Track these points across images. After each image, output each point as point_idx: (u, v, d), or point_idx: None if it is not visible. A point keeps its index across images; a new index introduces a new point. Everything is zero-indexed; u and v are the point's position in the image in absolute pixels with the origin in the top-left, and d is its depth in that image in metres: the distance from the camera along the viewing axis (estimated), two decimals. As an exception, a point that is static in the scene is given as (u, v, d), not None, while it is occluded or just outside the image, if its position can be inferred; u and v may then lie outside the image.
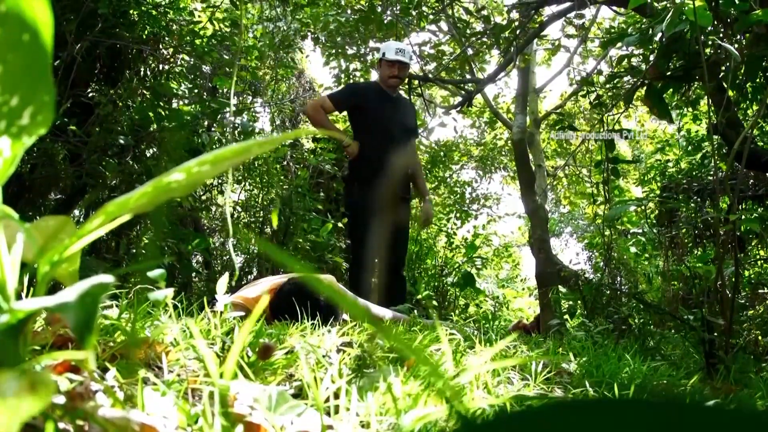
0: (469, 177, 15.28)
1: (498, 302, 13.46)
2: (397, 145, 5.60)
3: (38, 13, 0.63)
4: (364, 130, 5.71)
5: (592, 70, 11.47)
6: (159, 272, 1.77)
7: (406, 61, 5.75)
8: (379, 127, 5.62)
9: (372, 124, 5.64)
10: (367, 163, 5.57)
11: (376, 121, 5.64)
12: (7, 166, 0.70)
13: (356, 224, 5.63)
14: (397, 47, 5.76)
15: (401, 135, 5.71)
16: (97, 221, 0.72)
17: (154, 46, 7.16)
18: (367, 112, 5.68)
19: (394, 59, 5.68)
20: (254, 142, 0.70)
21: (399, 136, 5.67)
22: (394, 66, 5.70)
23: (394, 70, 5.71)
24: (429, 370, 0.59)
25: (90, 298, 0.58)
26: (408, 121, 5.88)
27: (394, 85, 5.80)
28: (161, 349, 1.35)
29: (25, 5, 0.62)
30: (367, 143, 5.61)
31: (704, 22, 3.89)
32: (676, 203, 7.09)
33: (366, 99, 5.74)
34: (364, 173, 5.61)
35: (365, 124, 5.70)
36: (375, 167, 5.51)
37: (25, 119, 0.66)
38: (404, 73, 5.85)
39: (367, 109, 5.68)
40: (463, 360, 1.97)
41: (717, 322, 3.79)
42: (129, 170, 6.16)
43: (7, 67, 0.63)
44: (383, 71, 5.77)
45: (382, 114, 5.66)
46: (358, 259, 5.49)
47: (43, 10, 0.63)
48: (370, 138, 5.61)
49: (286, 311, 2.85)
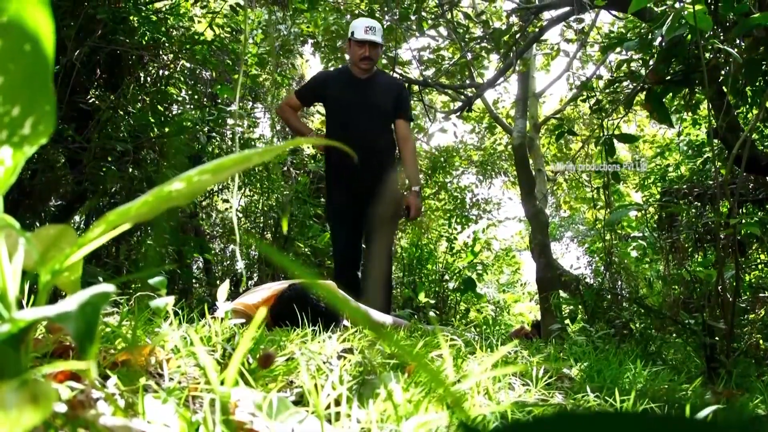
0: (470, 182, 15.28)
1: (499, 307, 13.49)
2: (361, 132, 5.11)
3: (40, 24, 0.63)
4: (328, 120, 5.36)
5: (592, 75, 11.48)
6: (160, 280, 1.77)
7: (377, 41, 5.18)
8: (341, 114, 5.22)
9: (334, 112, 5.29)
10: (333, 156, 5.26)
11: (338, 108, 5.25)
12: (8, 176, 0.70)
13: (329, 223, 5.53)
14: (367, 25, 5.21)
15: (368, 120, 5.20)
16: (98, 230, 0.72)
17: (154, 51, 7.17)
18: (331, 101, 5.30)
19: (364, 39, 5.13)
20: (254, 151, 0.70)
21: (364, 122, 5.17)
22: (363, 46, 5.13)
23: (364, 50, 5.14)
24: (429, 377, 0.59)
25: (91, 308, 0.58)
26: (380, 105, 5.28)
27: (366, 67, 5.21)
28: (162, 357, 1.35)
29: (27, 16, 0.63)
30: (331, 135, 5.23)
31: (704, 27, 3.89)
32: (677, 208, 7.09)
33: (327, 87, 5.31)
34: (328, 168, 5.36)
35: (329, 114, 5.34)
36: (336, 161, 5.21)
37: (26, 129, 0.66)
38: (376, 53, 5.26)
39: (331, 97, 5.28)
40: (464, 365, 1.97)
41: (718, 326, 3.79)
42: (129, 176, 6.16)
43: (8, 77, 0.64)
44: (353, 52, 5.23)
45: (345, 100, 5.21)
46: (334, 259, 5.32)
47: (44, 21, 0.63)
48: (333, 128, 5.25)
49: (287, 317, 2.85)
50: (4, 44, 0.62)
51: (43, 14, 0.63)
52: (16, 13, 0.62)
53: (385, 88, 5.39)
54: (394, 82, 5.71)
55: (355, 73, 5.27)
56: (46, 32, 0.64)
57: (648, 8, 5.05)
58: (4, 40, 0.62)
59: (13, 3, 0.62)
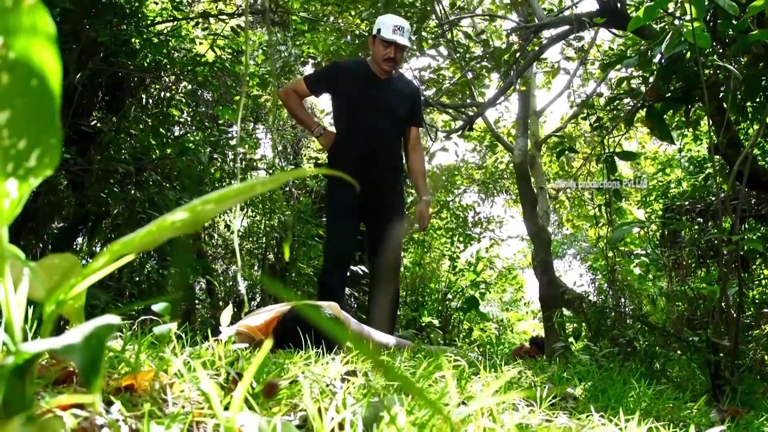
0: (472, 200, 15.29)
1: (502, 325, 13.47)
2: (376, 134, 4.87)
3: (46, 60, 0.64)
4: (340, 116, 5.00)
5: (592, 93, 11.51)
6: (163, 306, 1.77)
7: (405, 43, 4.86)
8: (357, 113, 4.88)
9: (349, 110, 4.93)
10: (341, 153, 4.88)
11: (355, 107, 4.90)
12: (13, 207, 0.71)
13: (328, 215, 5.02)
14: (395, 24, 4.86)
15: (385, 123, 4.93)
16: (102, 260, 0.73)
17: (156, 73, 7.20)
18: (346, 97, 4.95)
19: (391, 39, 4.79)
20: (258, 180, 0.71)
21: (381, 125, 4.90)
22: (389, 47, 4.81)
23: (389, 51, 4.82)
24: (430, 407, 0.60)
25: (96, 340, 0.59)
26: (397, 108, 5.00)
27: (389, 69, 4.91)
28: (166, 381, 1.35)
29: (34, 53, 0.64)
30: (343, 132, 4.92)
31: (703, 44, 3.91)
32: (679, 224, 7.09)
33: (346, 81, 4.94)
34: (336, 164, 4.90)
35: (343, 110, 4.98)
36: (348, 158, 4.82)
37: (32, 161, 0.67)
38: (401, 55, 4.97)
39: (344, 92, 4.94)
40: (468, 387, 1.96)
41: (722, 343, 3.78)
42: (131, 198, 6.17)
43: (15, 111, 0.65)
44: (376, 51, 4.90)
45: (362, 99, 4.88)
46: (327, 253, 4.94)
47: (51, 58, 0.64)
48: (346, 126, 4.92)
49: (290, 339, 2.84)
50: (11, 80, 0.63)
51: (50, 51, 0.64)
52: (24, 50, 0.63)
53: (403, 91, 5.12)
54: (411, 86, 5.39)
55: (375, 72, 4.96)
56: (53, 68, 0.65)
57: (647, 26, 5.07)
58: (12, 76, 0.63)
59: (21, 40, 0.63)
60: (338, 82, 4.96)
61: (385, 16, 5.10)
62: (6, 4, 0.62)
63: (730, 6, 3.78)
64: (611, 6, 6.14)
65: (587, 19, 6.43)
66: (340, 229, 4.84)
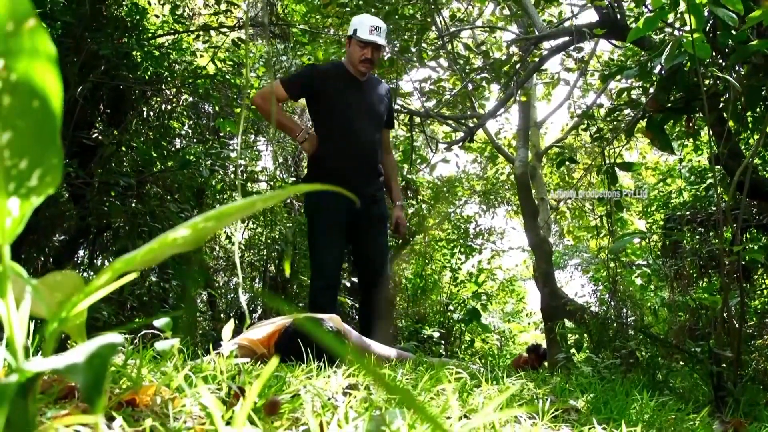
0: (473, 212, 15.30)
1: (504, 337, 13.45)
2: (364, 139, 4.76)
3: (48, 81, 0.65)
4: (324, 121, 4.82)
5: (592, 104, 11.53)
6: (165, 321, 1.78)
7: (381, 43, 4.78)
8: (342, 117, 4.74)
9: (333, 113, 4.77)
10: (328, 160, 4.72)
11: (339, 110, 4.76)
12: (15, 226, 0.71)
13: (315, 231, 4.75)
14: (372, 24, 4.78)
15: (369, 126, 4.82)
16: (104, 278, 0.73)
17: (157, 86, 7.23)
18: (327, 100, 4.78)
19: (368, 39, 4.70)
20: (259, 197, 0.71)
21: (366, 128, 4.79)
22: (367, 47, 4.73)
23: (366, 51, 4.73)
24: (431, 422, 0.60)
25: (99, 360, 0.59)
26: (378, 110, 4.93)
27: (365, 70, 4.82)
28: (167, 396, 1.35)
29: (35, 74, 0.64)
30: (328, 137, 4.75)
31: (703, 55, 3.92)
32: (680, 235, 7.09)
33: (326, 84, 4.79)
34: (324, 172, 4.73)
35: (325, 114, 4.80)
36: (337, 165, 4.68)
37: (33, 181, 0.68)
38: (378, 56, 4.89)
39: (328, 95, 4.78)
40: (470, 400, 1.96)
41: (725, 354, 3.77)
42: (132, 210, 6.17)
43: (16, 132, 0.65)
44: (353, 52, 4.79)
45: (345, 102, 4.77)
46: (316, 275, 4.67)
47: (52, 79, 0.65)
48: (330, 131, 4.75)
49: (292, 352, 2.84)
50: (12, 101, 0.64)
51: (51, 72, 0.65)
52: (25, 72, 0.64)
53: (379, 92, 5.05)
54: (384, 86, 5.27)
55: (353, 73, 4.86)
56: (54, 89, 0.65)
57: (647, 36, 5.08)
58: (13, 97, 0.64)
59: (22, 62, 0.64)
60: (318, 83, 4.80)
61: (361, 16, 5.01)
62: (7, 26, 0.62)
63: (729, 17, 3.79)
64: (611, 17, 6.15)
65: (587, 30, 6.44)
66: (331, 245, 4.66)
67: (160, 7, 8.05)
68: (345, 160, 4.68)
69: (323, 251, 4.66)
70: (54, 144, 0.67)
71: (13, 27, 0.62)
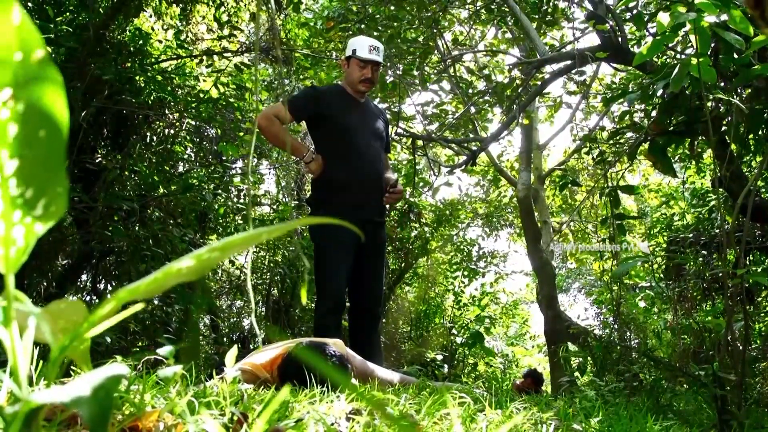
0: (476, 235, 15.29)
1: (507, 360, 13.40)
2: (369, 158, 4.73)
3: (55, 111, 0.66)
4: (328, 142, 4.74)
5: (595, 126, 11.57)
6: (168, 349, 1.77)
7: (380, 61, 4.81)
8: (347, 138, 4.69)
9: (338, 135, 4.70)
10: (334, 182, 4.64)
11: (343, 131, 4.71)
12: (20, 255, 0.71)
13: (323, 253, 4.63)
14: (371, 44, 4.80)
15: (372, 148, 4.79)
16: (108, 307, 0.73)
17: (160, 111, 7.25)
18: (331, 121, 4.72)
19: (368, 58, 4.73)
20: (265, 229, 0.72)
21: (370, 149, 4.76)
22: (366, 67, 4.73)
23: (366, 71, 4.74)
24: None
25: (104, 392, 0.59)
26: (379, 131, 4.92)
27: (365, 90, 4.83)
28: (171, 422, 1.34)
29: (43, 105, 0.65)
30: (333, 158, 4.66)
31: (709, 79, 3.92)
32: (684, 257, 7.08)
33: (330, 105, 4.75)
34: (329, 194, 4.68)
35: (330, 136, 4.73)
36: (343, 187, 4.62)
37: (38, 210, 0.68)
38: (377, 76, 4.88)
39: (332, 116, 4.72)
40: (473, 426, 1.95)
41: (728, 377, 3.75)
42: (135, 235, 6.18)
43: (24, 161, 0.66)
44: (352, 72, 4.79)
45: (349, 122, 4.74)
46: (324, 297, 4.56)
47: (59, 109, 0.65)
48: (335, 152, 4.67)
49: (295, 376, 2.83)
50: (20, 130, 0.65)
51: (58, 102, 0.65)
52: (32, 102, 0.64)
53: (378, 114, 5.07)
54: (380, 108, 5.30)
55: (352, 94, 4.86)
56: (61, 119, 0.66)
57: (649, 59, 5.10)
58: (21, 126, 0.64)
59: (30, 92, 0.64)
60: (322, 105, 4.75)
61: (359, 38, 5.02)
62: (15, 56, 0.63)
63: (736, 41, 3.80)
64: (612, 41, 6.18)
65: (589, 54, 6.47)
66: (339, 269, 4.55)
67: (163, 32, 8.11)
68: (352, 180, 4.62)
69: (330, 274, 4.56)
70: (60, 173, 0.67)
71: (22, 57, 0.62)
